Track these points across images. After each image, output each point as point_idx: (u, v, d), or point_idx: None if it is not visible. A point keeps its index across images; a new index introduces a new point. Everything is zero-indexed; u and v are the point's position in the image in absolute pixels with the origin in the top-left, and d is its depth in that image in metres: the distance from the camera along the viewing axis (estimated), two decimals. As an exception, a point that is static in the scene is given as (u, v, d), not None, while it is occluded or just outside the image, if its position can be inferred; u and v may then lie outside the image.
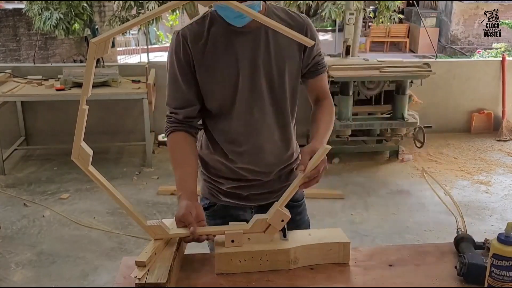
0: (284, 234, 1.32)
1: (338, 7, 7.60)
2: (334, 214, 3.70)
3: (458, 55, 12.96)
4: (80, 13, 7.11)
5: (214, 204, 1.62)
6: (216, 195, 1.60)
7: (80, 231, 3.40)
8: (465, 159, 4.82)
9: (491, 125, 5.52)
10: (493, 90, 5.50)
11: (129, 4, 7.48)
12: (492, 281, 1.15)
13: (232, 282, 1.23)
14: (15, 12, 9.17)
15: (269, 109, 1.47)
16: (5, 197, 3.91)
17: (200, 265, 1.30)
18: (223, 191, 1.58)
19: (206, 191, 1.63)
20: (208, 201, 1.63)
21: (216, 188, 1.59)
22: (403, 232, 3.42)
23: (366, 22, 14.47)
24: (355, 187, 4.16)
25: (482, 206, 3.86)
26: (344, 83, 4.38)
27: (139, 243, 3.20)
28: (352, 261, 1.32)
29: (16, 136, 4.86)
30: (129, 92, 4.26)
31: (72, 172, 4.30)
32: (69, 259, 3.05)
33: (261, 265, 1.27)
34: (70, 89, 4.31)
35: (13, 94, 4.21)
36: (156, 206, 3.65)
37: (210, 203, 1.62)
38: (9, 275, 2.89)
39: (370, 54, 13.30)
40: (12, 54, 9.13)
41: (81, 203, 3.82)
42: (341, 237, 1.33)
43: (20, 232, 3.38)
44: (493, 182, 4.28)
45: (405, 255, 1.36)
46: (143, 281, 1.14)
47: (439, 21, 14.22)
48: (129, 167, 4.54)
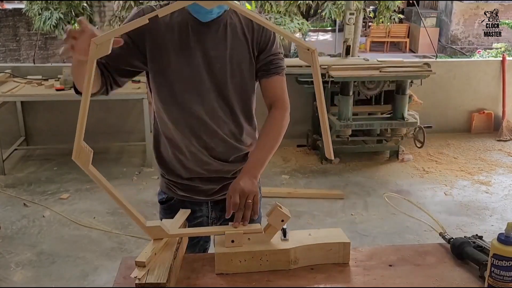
0: (284, 234, 1.32)
1: (338, 7, 7.61)
2: (334, 214, 3.69)
3: (458, 55, 12.96)
4: (80, 13, 7.11)
5: (171, 198, 1.63)
6: (173, 189, 1.61)
7: (80, 231, 3.40)
8: (465, 159, 4.82)
9: (491, 125, 5.52)
10: (493, 90, 5.50)
11: (129, 4, 7.48)
12: (493, 281, 1.15)
13: (232, 282, 1.23)
14: (15, 12, 9.17)
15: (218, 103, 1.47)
16: (5, 197, 3.91)
17: (200, 265, 1.30)
18: (179, 185, 1.59)
19: (164, 185, 1.64)
20: (165, 195, 1.64)
21: (172, 182, 1.60)
22: (403, 232, 3.42)
23: (366, 22, 14.48)
24: (355, 187, 4.16)
25: (482, 206, 3.85)
26: (344, 83, 4.38)
27: (139, 243, 3.20)
28: (352, 261, 1.32)
29: (16, 136, 4.86)
30: (129, 92, 4.26)
31: (72, 172, 4.30)
32: (69, 259, 3.05)
33: (261, 265, 1.27)
34: (70, 89, 4.31)
35: (13, 94, 4.21)
36: (156, 206, 3.62)
37: (168, 197, 1.63)
38: (9, 275, 2.89)
39: (370, 54, 13.30)
40: (12, 54, 9.13)
41: (81, 203, 3.82)
42: (341, 237, 1.33)
43: (20, 232, 3.38)
44: (493, 182, 4.28)
45: (405, 255, 1.36)
46: (143, 281, 1.14)
47: (439, 21, 14.23)
48: (129, 167, 4.54)
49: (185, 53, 1.42)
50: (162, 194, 1.66)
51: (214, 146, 1.52)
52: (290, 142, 4.88)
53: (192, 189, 1.58)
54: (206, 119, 1.48)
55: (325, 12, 7.76)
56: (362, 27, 11.25)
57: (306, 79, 4.49)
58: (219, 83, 1.46)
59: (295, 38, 1.20)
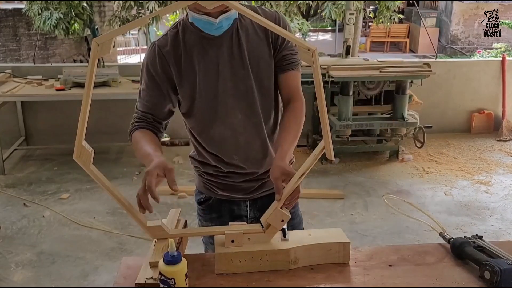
0: (284, 234, 1.32)
1: (338, 7, 7.60)
2: (334, 214, 3.70)
3: (458, 55, 12.96)
4: (80, 13, 7.10)
5: (209, 198, 1.63)
6: (212, 189, 1.61)
7: (80, 231, 3.40)
8: (465, 159, 4.82)
9: (491, 125, 5.52)
10: (493, 90, 5.50)
11: (129, 4, 7.47)
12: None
13: (232, 282, 1.23)
14: (15, 12, 9.16)
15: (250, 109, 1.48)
16: (5, 197, 3.91)
17: (200, 265, 1.30)
18: (219, 185, 1.59)
19: (201, 185, 1.64)
20: (203, 195, 1.64)
21: (212, 182, 1.60)
22: (403, 232, 3.42)
23: (366, 22, 14.46)
24: (355, 187, 4.16)
25: (482, 206, 3.86)
26: (344, 83, 4.38)
27: (139, 243, 3.20)
28: (352, 261, 1.32)
29: (16, 136, 4.86)
30: (129, 92, 4.26)
31: (72, 172, 4.30)
32: (69, 259, 3.05)
33: (261, 265, 1.27)
34: (70, 89, 4.31)
35: (13, 94, 4.21)
36: (156, 206, 3.65)
37: (206, 197, 1.64)
38: (9, 275, 2.89)
39: (370, 54, 13.30)
40: (12, 54, 9.13)
41: (81, 203, 3.82)
42: (341, 237, 1.33)
43: (20, 232, 3.38)
44: (493, 182, 4.28)
45: (405, 255, 1.36)
46: (142, 281, 1.14)
47: (439, 21, 14.22)
48: (129, 167, 4.54)
49: (209, 72, 1.44)
50: (199, 194, 1.66)
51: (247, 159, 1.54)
52: (290, 142, 4.87)
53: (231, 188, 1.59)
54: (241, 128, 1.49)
55: (325, 12, 7.75)
56: (362, 27, 11.25)
57: (306, 79, 4.45)
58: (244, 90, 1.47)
59: (295, 38, 1.20)
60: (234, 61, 1.44)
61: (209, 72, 1.43)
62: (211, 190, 1.62)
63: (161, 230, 1.27)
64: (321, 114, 1.24)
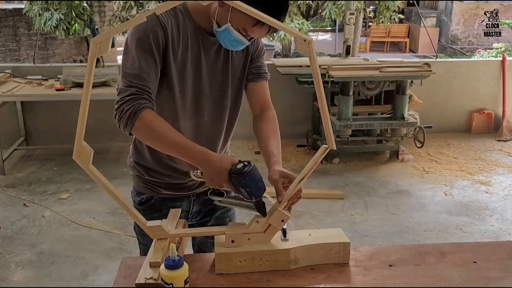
0: (284, 234, 1.32)
1: (338, 7, 7.61)
2: (334, 214, 3.69)
3: (458, 55, 12.96)
4: (80, 13, 7.10)
5: (151, 198, 1.61)
6: (154, 188, 1.59)
7: (80, 231, 3.40)
8: (465, 159, 4.82)
9: (491, 125, 5.52)
10: (493, 90, 5.50)
11: (129, 4, 7.48)
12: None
13: (232, 282, 1.23)
14: (15, 12, 9.16)
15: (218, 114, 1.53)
16: (5, 197, 3.91)
17: (200, 265, 1.30)
18: (163, 184, 1.58)
19: (141, 186, 1.61)
20: (144, 196, 1.61)
21: (154, 182, 1.58)
22: (403, 232, 3.42)
23: (366, 22, 14.46)
24: (355, 187, 4.16)
25: (482, 206, 3.85)
26: (344, 83, 4.38)
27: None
28: (352, 261, 1.32)
29: (16, 136, 4.86)
30: (129, 92, 4.26)
31: (72, 172, 4.30)
32: (69, 259, 3.05)
33: (261, 265, 1.27)
34: (70, 89, 4.31)
35: (13, 94, 4.21)
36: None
37: (147, 197, 1.61)
38: (9, 275, 2.89)
39: (370, 54, 13.30)
40: (12, 54, 9.13)
41: (81, 203, 3.82)
42: (341, 237, 1.33)
43: (20, 232, 3.38)
44: (493, 182, 4.28)
45: (405, 255, 1.36)
46: (142, 281, 1.14)
47: (439, 21, 14.22)
48: (129, 167, 4.53)
49: (197, 68, 1.45)
50: (140, 195, 1.62)
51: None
52: (290, 142, 4.88)
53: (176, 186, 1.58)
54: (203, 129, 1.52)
55: (325, 12, 7.76)
56: (362, 27, 11.24)
57: (306, 79, 4.49)
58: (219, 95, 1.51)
59: (292, 30, 1.21)
60: (218, 65, 1.48)
61: (193, 67, 1.44)
62: (153, 189, 1.59)
63: (161, 230, 1.27)
64: (320, 106, 1.25)
